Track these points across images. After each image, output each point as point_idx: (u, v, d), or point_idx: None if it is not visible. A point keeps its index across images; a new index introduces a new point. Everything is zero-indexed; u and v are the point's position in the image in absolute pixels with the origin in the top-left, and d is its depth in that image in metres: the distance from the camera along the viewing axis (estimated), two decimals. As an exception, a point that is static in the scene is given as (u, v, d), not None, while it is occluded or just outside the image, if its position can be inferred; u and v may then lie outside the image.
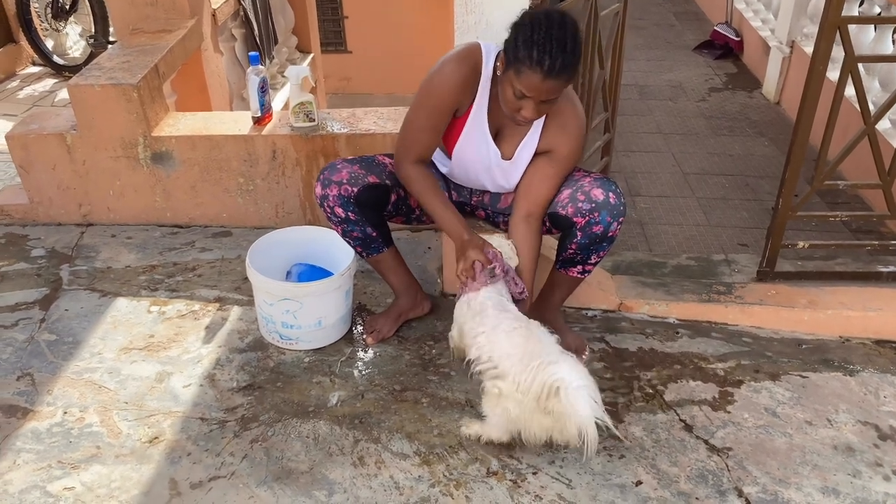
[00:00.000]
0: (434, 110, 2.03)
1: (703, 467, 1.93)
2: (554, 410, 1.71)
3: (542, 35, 1.79)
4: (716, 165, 4.28)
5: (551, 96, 1.87)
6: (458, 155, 2.15)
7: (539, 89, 1.83)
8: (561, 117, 2.04)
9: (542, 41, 1.79)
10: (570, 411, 1.68)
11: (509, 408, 1.80)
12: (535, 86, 1.82)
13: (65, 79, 5.27)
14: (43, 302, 2.53)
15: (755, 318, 2.48)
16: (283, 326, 2.26)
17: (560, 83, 1.84)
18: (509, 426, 1.85)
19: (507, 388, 1.78)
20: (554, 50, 1.78)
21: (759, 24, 5.76)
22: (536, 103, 1.87)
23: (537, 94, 1.84)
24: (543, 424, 1.78)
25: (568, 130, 2.04)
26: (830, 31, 2.23)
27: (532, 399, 1.73)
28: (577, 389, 1.69)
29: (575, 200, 2.02)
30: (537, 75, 1.80)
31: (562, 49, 1.79)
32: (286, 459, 1.93)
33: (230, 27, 3.86)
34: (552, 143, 2.06)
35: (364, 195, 2.14)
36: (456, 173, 2.23)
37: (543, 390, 1.71)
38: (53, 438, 2.00)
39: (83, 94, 2.72)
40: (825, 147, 2.40)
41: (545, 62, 1.79)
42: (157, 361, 2.27)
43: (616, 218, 2.02)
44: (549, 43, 1.78)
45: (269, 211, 2.93)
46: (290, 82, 2.70)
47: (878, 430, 2.07)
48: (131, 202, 2.93)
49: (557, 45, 1.78)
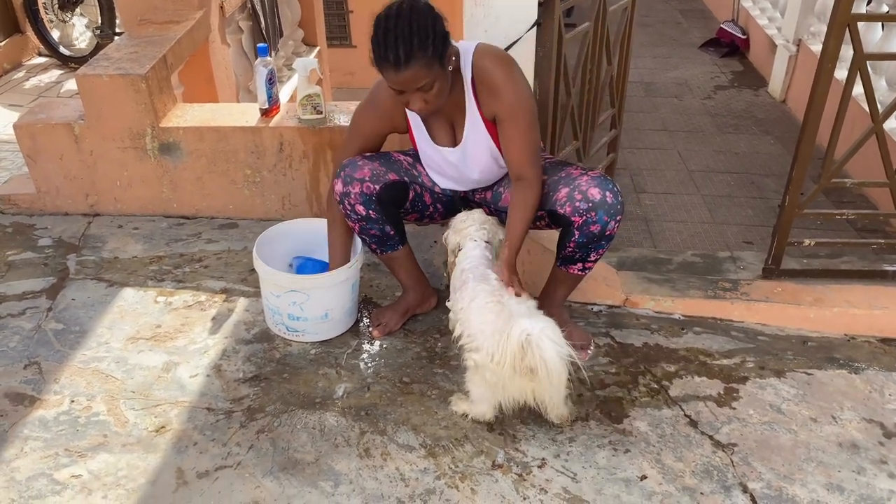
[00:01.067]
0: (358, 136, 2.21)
1: (708, 462, 1.93)
2: (529, 366, 1.74)
3: (382, 31, 1.83)
4: (721, 163, 4.28)
5: (419, 83, 1.87)
6: (427, 165, 2.24)
7: (400, 81, 1.86)
8: (486, 82, 2.02)
9: (381, 37, 1.83)
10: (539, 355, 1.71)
11: (486, 376, 1.85)
12: (395, 80, 1.87)
13: (71, 70, 5.27)
14: (50, 291, 2.54)
15: (761, 314, 2.48)
16: (290, 318, 2.26)
17: (417, 70, 1.84)
18: (490, 397, 1.91)
19: (481, 360, 1.83)
20: (396, 41, 1.80)
21: (766, 21, 5.75)
22: (414, 92, 1.89)
23: (403, 86, 1.87)
24: (520, 386, 1.82)
25: (495, 90, 2.01)
26: (840, 28, 2.22)
27: (509, 367, 1.76)
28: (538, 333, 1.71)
29: (572, 199, 2.02)
30: (391, 70, 1.85)
31: (403, 38, 1.80)
32: (292, 450, 1.94)
33: (237, 19, 3.86)
34: (492, 110, 2.05)
35: (385, 193, 2.14)
36: (435, 177, 2.27)
37: (517, 353, 1.73)
38: (60, 427, 2.01)
39: (91, 84, 2.73)
40: (832, 145, 2.40)
41: (390, 56, 1.82)
42: (163, 351, 2.28)
43: (613, 217, 2.02)
44: (388, 36, 1.81)
45: (275, 203, 2.93)
46: (299, 74, 2.70)
47: (883, 427, 2.07)
48: (138, 193, 2.94)
49: (400, 36, 1.80)
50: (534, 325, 1.73)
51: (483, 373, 1.85)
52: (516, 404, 1.89)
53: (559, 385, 1.79)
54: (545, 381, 1.75)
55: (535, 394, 1.84)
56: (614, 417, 2.06)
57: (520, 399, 1.87)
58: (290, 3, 4.66)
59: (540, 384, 1.78)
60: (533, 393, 1.84)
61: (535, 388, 1.82)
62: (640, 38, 6.24)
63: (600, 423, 2.04)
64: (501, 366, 1.76)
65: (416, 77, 1.85)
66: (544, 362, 1.70)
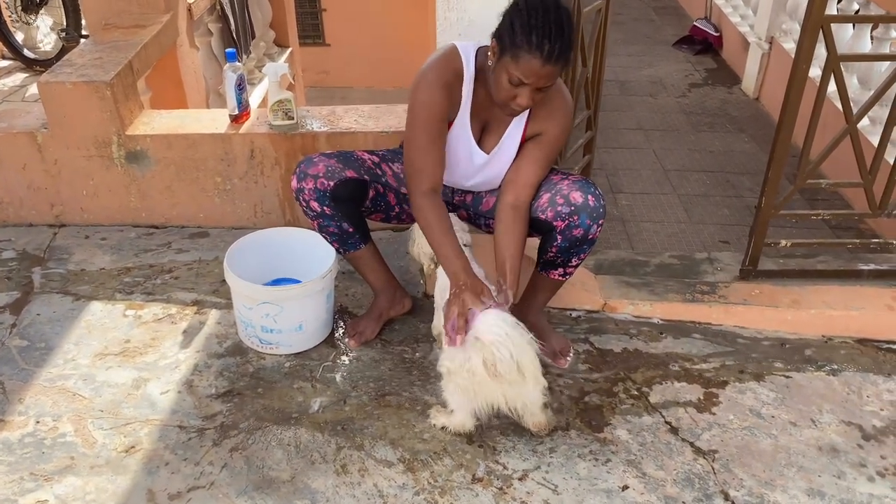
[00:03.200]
0: (428, 124, 1.97)
1: (689, 470, 1.92)
2: (492, 366, 1.73)
3: (540, 19, 1.76)
4: (696, 162, 4.30)
5: (549, 83, 1.84)
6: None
7: (538, 74, 1.81)
8: (550, 103, 2.01)
9: (540, 25, 1.76)
10: (494, 352, 1.71)
11: (459, 382, 1.83)
12: (534, 71, 1.80)
13: (35, 73, 5.14)
14: (14, 306, 2.46)
15: (739, 317, 2.48)
16: (263, 331, 2.21)
17: (557, 69, 1.82)
18: (466, 404, 1.89)
19: (452, 366, 1.83)
20: (553, 34, 1.76)
21: (738, 19, 5.79)
22: (532, 90, 1.85)
23: (535, 79, 1.82)
24: (490, 388, 1.80)
25: (556, 115, 2.02)
26: (814, 30, 2.22)
27: (478, 368, 1.75)
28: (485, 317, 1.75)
29: (554, 204, 2.00)
30: (537, 60, 1.78)
31: (560, 34, 1.77)
32: (267, 468, 1.89)
33: (206, 21, 3.79)
34: (541, 128, 2.03)
35: (340, 190, 2.10)
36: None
37: (482, 350, 1.74)
38: (25, 449, 1.94)
39: (54, 91, 2.65)
40: (807, 146, 2.40)
41: (545, 46, 1.76)
42: (133, 367, 2.21)
43: (596, 220, 2.00)
44: (547, 27, 1.76)
45: (247, 211, 2.88)
46: (269, 80, 2.65)
47: (862, 430, 2.07)
48: (105, 202, 2.86)
49: (556, 30, 1.76)
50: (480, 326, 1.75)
51: (455, 378, 1.84)
52: (492, 410, 1.86)
53: (530, 375, 1.76)
54: (512, 373, 1.73)
55: (506, 396, 1.82)
56: (594, 426, 2.04)
57: (494, 403, 1.84)
58: (261, 4, 4.59)
59: (508, 384, 1.76)
60: (504, 395, 1.82)
61: (505, 390, 1.80)
62: (613, 35, 6.25)
63: (581, 432, 2.02)
64: (471, 371, 1.76)
65: (553, 74, 1.82)
66: (497, 357, 1.70)
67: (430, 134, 1.98)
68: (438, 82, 1.95)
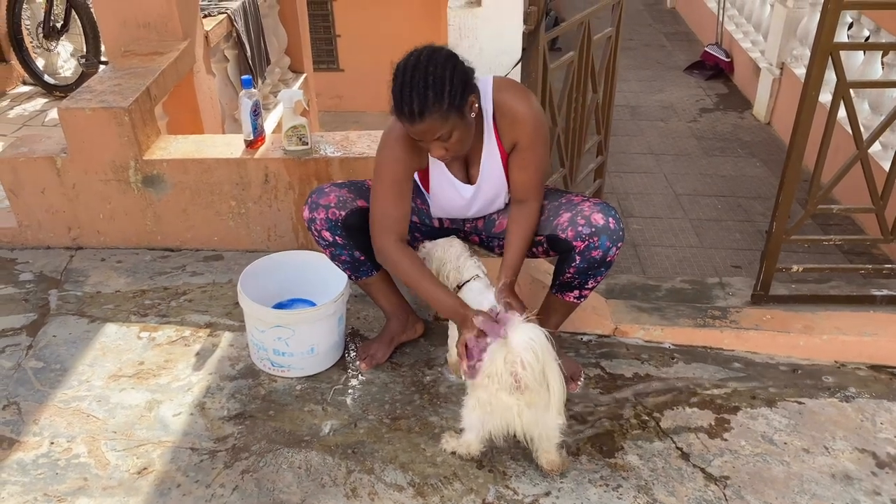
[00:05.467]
0: (393, 183, 2.02)
1: (700, 497, 1.91)
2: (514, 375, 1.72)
3: (399, 83, 1.82)
4: (708, 186, 4.30)
5: (438, 133, 1.86)
6: (434, 200, 2.19)
7: (419, 132, 1.85)
8: (508, 114, 2.02)
9: (399, 90, 1.82)
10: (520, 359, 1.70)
11: (479, 395, 1.81)
12: (414, 131, 1.86)
13: (55, 98, 5.24)
14: (30, 328, 2.49)
15: (750, 343, 2.47)
16: (275, 353, 2.23)
17: (432, 122, 1.83)
18: (479, 424, 1.87)
19: (477, 378, 1.81)
20: (411, 94, 1.79)
21: (749, 45, 5.81)
22: (432, 143, 1.89)
23: (422, 136, 1.87)
24: (507, 405, 1.78)
25: (518, 120, 2.01)
26: (822, 57, 2.24)
27: (495, 379, 1.75)
28: (515, 340, 1.72)
29: (575, 224, 2.02)
30: (406, 122, 1.84)
31: (417, 91, 1.79)
32: (278, 491, 1.90)
33: (223, 48, 3.85)
34: (512, 138, 2.04)
35: (352, 219, 2.13)
36: (437, 211, 2.24)
37: (504, 360, 1.73)
38: (40, 470, 1.96)
39: (74, 117, 2.70)
40: (818, 171, 2.41)
41: (405, 109, 1.81)
42: (146, 389, 2.23)
43: (615, 243, 2.01)
44: (405, 89, 1.80)
45: (261, 234, 2.91)
46: (283, 106, 2.69)
47: (876, 457, 2.05)
48: (121, 225, 2.91)
49: (413, 89, 1.79)
50: (512, 332, 1.72)
51: (477, 392, 1.83)
52: (507, 432, 1.84)
53: (554, 400, 1.74)
54: (534, 389, 1.72)
55: (522, 418, 1.79)
56: (605, 451, 2.04)
57: (509, 422, 1.81)
58: (277, 30, 4.67)
59: (529, 396, 1.74)
60: (520, 416, 1.79)
61: (521, 410, 1.78)
62: (625, 61, 6.30)
63: (591, 457, 2.01)
64: (495, 378, 1.74)
65: (432, 129, 1.84)
66: (523, 364, 1.69)
67: (394, 191, 2.02)
68: (401, 139, 1.99)
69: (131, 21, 3.17)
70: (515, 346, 1.71)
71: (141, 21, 3.18)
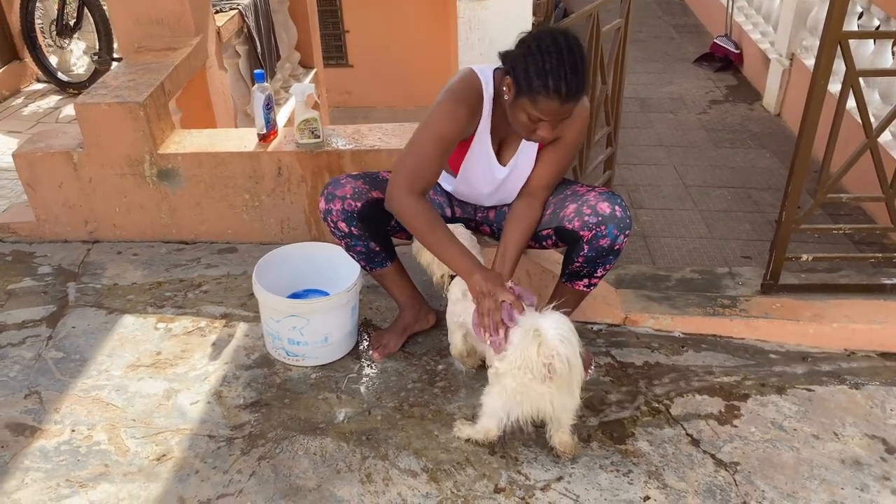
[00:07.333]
0: (443, 142, 1.99)
1: (710, 482, 1.93)
2: (546, 362, 1.73)
3: (555, 63, 1.81)
4: (717, 178, 4.31)
5: (569, 115, 1.90)
6: (464, 174, 2.17)
7: (558, 113, 1.86)
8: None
9: (555, 69, 1.80)
10: (552, 348, 1.71)
11: (506, 384, 1.82)
12: (553, 111, 1.86)
13: (69, 95, 5.29)
14: (50, 319, 2.54)
15: (760, 331, 2.48)
16: (290, 343, 2.27)
17: (575, 103, 1.87)
18: (502, 410, 1.87)
19: (504, 366, 1.81)
20: (568, 75, 1.81)
21: (759, 36, 5.80)
22: (554, 124, 1.90)
23: (556, 117, 1.87)
24: (539, 393, 1.79)
25: (574, 120, 2.02)
26: (831, 46, 2.25)
27: (527, 369, 1.75)
28: (548, 330, 1.72)
29: (581, 214, 2.04)
30: (555, 103, 1.83)
31: (574, 72, 1.82)
32: (294, 477, 1.94)
33: (234, 44, 3.89)
34: (559, 133, 2.03)
35: (367, 210, 2.16)
36: (460, 190, 2.25)
37: (537, 350, 1.73)
38: (61, 457, 2.00)
39: (90, 112, 2.75)
40: (827, 160, 2.42)
41: (562, 89, 1.81)
42: (164, 378, 2.28)
43: (623, 231, 2.03)
44: (561, 69, 1.80)
45: (274, 227, 2.94)
46: (295, 99, 2.72)
47: (886, 443, 2.07)
48: (137, 219, 2.95)
49: (570, 70, 1.81)
50: (543, 322, 1.73)
51: (504, 380, 1.83)
52: (530, 417, 1.85)
53: (575, 384, 1.78)
54: (564, 377, 1.73)
55: (552, 402, 1.81)
56: (616, 438, 2.06)
57: (538, 408, 1.83)
58: (287, 26, 4.71)
59: (559, 384, 1.76)
60: (551, 401, 1.81)
61: (552, 395, 1.79)
62: (634, 53, 6.30)
63: (602, 444, 2.04)
64: (527, 368, 1.74)
65: (569, 111, 1.87)
66: (558, 355, 1.70)
67: (439, 148, 1.99)
68: (463, 100, 2.00)
69: (144, 18, 3.22)
70: (550, 337, 1.71)
71: (154, 17, 3.22)
